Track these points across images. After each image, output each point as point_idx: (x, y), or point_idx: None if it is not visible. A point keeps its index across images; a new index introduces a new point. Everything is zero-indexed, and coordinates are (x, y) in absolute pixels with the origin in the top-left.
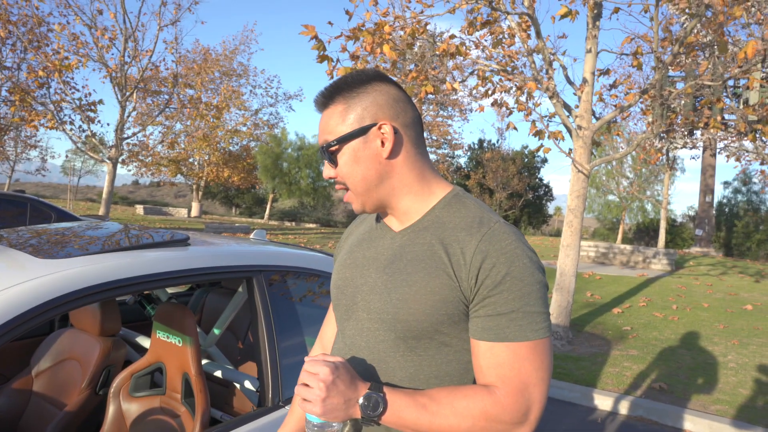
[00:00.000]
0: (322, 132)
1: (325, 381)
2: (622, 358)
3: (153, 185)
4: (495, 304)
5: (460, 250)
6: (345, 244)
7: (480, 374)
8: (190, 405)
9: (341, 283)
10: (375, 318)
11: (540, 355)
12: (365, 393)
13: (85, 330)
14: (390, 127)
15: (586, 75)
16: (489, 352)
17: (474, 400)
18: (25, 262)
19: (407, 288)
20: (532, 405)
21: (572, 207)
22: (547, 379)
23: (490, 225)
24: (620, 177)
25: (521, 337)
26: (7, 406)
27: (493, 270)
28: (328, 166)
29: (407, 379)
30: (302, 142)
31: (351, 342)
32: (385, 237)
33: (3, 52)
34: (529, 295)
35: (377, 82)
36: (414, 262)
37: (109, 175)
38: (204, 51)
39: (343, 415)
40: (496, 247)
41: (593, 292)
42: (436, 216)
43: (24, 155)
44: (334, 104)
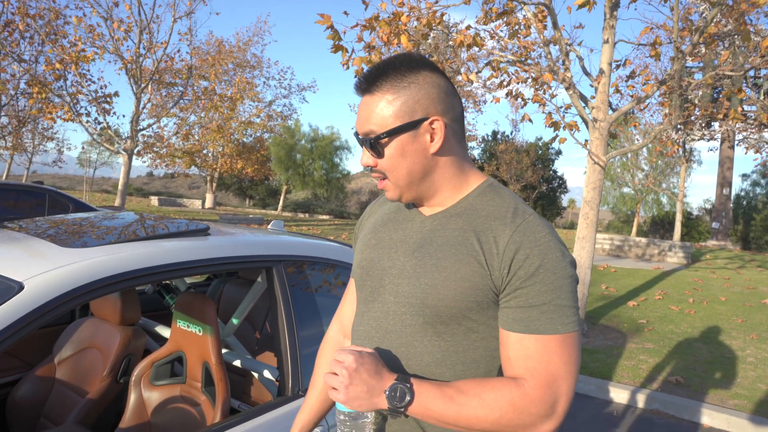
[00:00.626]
0: (366, 120)
1: (348, 369)
2: (638, 351)
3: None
4: (527, 296)
5: (493, 238)
6: (367, 223)
7: (508, 365)
8: (210, 394)
9: (366, 264)
10: (403, 302)
11: (569, 348)
12: (392, 383)
13: (106, 319)
14: (442, 124)
15: (602, 66)
16: (518, 343)
17: (502, 392)
18: (47, 251)
19: (437, 273)
20: (560, 398)
21: (588, 199)
22: (575, 372)
23: (525, 216)
24: (636, 169)
25: (551, 330)
26: (31, 393)
27: (526, 261)
28: (368, 155)
29: (434, 364)
30: (315, 134)
31: (377, 324)
32: (414, 220)
33: (21, 45)
34: (561, 289)
35: (427, 72)
36: (444, 248)
37: (125, 167)
38: (218, 42)
39: (366, 404)
40: (530, 238)
41: (608, 284)
42: (470, 203)
43: (41, 147)
44: (381, 91)
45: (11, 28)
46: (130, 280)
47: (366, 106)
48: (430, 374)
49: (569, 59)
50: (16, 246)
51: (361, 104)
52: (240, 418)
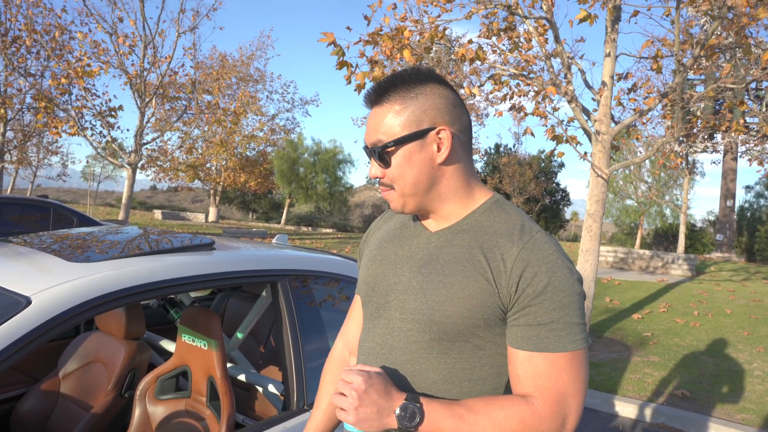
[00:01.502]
0: (374, 130)
1: (357, 390)
2: (643, 364)
3: (170, 190)
4: (535, 314)
5: (501, 256)
6: (372, 239)
7: (517, 383)
8: (215, 408)
9: (371, 280)
10: (409, 318)
11: (577, 366)
12: (401, 403)
13: (110, 333)
14: (449, 133)
15: (604, 79)
16: (527, 361)
17: (512, 410)
18: (52, 265)
19: (444, 290)
20: (569, 415)
21: (591, 212)
22: (583, 390)
23: (532, 234)
24: (638, 181)
25: (560, 348)
26: (36, 407)
27: (534, 279)
28: (376, 166)
29: (440, 381)
30: (318, 147)
31: (382, 341)
32: (420, 236)
33: (28, 60)
34: (569, 306)
35: (435, 84)
36: (451, 264)
37: (129, 180)
38: (221, 57)
39: (377, 425)
40: (537, 256)
41: (612, 297)
42: (476, 220)
43: (46, 161)
44: (390, 102)
45: (18, 44)
46: (136, 295)
47: (375, 117)
48: (436, 391)
49: (571, 72)
50: (21, 261)
51: (370, 116)
52: None
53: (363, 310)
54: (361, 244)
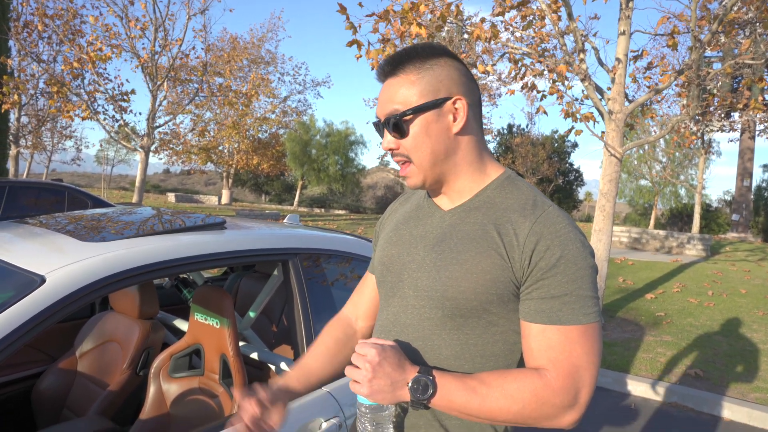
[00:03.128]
0: (388, 101)
1: (371, 362)
2: (656, 343)
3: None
4: (548, 287)
5: (513, 231)
6: (389, 222)
7: (530, 356)
8: (228, 385)
9: (387, 260)
10: (422, 295)
11: (590, 339)
12: (414, 376)
13: (125, 313)
14: (465, 103)
15: (619, 56)
16: (540, 334)
17: (524, 382)
18: (67, 245)
19: (457, 266)
20: (582, 388)
21: (605, 191)
22: (597, 363)
23: (544, 208)
24: (653, 161)
25: (573, 321)
26: (55, 385)
27: (547, 252)
28: (390, 137)
29: (453, 357)
30: (330, 129)
31: (395, 319)
32: (433, 215)
33: (40, 45)
34: (582, 279)
35: (448, 57)
36: (464, 241)
37: (142, 164)
38: (232, 39)
39: (390, 397)
40: (550, 229)
41: (625, 277)
42: (488, 196)
43: (60, 146)
44: (405, 73)
45: (30, 29)
46: (148, 273)
47: (389, 89)
48: (448, 367)
49: (585, 50)
50: (37, 241)
51: (384, 88)
52: None
53: (378, 291)
54: (377, 227)
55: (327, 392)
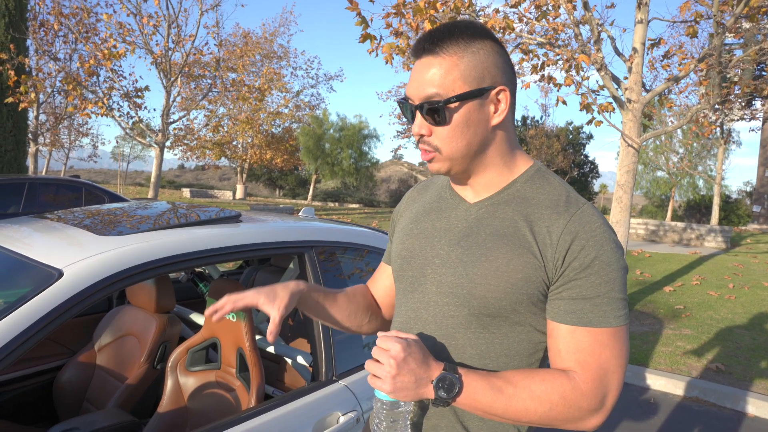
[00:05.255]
0: (428, 82)
1: (396, 358)
2: (675, 337)
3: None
4: (580, 288)
5: (546, 228)
6: (407, 212)
7: (557, 357)
8: (244, 379)
9: (407, 254)
10: (446, 292)
11: (619, 342)
12: (440, 374)
13: (142, 307)
14: (508, 95)
15: (636, 45)
16: (570, 335)
17: (552, 384)
18: (84, 239)
19: (487, 264)
20: (609, 392)
21: (621, 182)
22: (624, 366)
23: (579, 205)
24: (669, 152)
25: (604, 323)
26: (75, 378)
27: (581, 252)
28: (422, 122)
29: (477, 357)
30: (344, 123)
31: (415, 315)
32: (458, 208)
33: (56, 44)
34: (615, 281)
35: (492, 41)
36: (494, 237)
37: (157, 159)
38: (244, 34)
39: (413, 395)
40: (585, 229)
41: (643, 270)
42: (518, 190)
43: (77, 143)
44: (448, 53)
45: (46, 28)
46: (165, 267)
47: (427, 68)
48: (472, 366)
49: (601, 40)
50: (55, 235)
51: (421, 66)
52: (275, 402)
53: (396, 286)
54: (394, 216)
55: (344, 386)
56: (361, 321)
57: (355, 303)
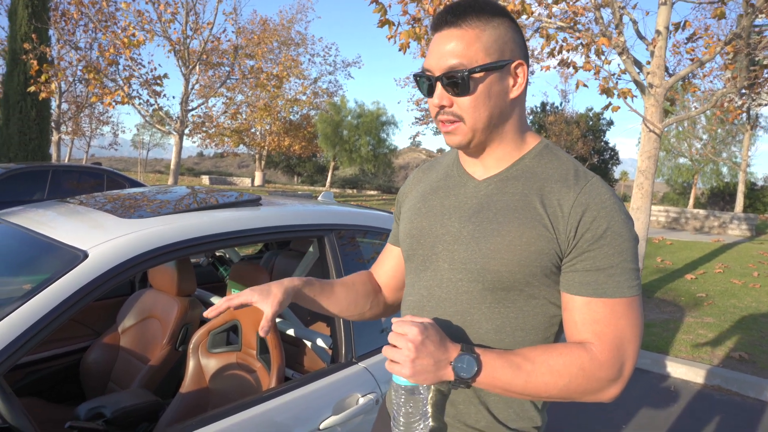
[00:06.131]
0: (450, 54)
1: (414, 341)
2: (697, 325)
3: (217, 156)
4: (594, 259)
5: (557, 201)
6: (413, 192)
7: (573, 329)
8: (265, 361)
9: (416, 233)
10: (459, 268)
11: (634, 311)
12: (458, 354)
13: (164, 290)
14: (525, 69)
15: (659, 28)
16: (585, 307)
17: (570, 357)
18: (107, 222)
19: (499, 238)
20: (626, 362)
21: (643, 168)
22: (640, 336)
23: (588, 178)
24: (692, 138)
25: (618, 294)
26: (100, 359)
27: (593, 223)
28: (443, 93)
29: (493, 331)
30: (362, 110)
31: (428, 293)
32: (466, 185)
33: (77, 33)
34: (627, 251)
35: (509, 19)
36: (505, 212)
37: (176, 147)
38: (262, 21)
39: (432, 377)
40: (596, 200)
41: (664, 257)
42: (527, 166)
43: (98, 131)
44: (471, 26)
45: (67, 18)
46: (186, 249)
47: (449, 40)
48: (488, 341)
49: (622, 23)
50: (78, 218)
51: (442, 38)
52: (296, 383)
53: (406, 266)
54: (399, 197)
55: (364, 368)
56: (362, 309)
57: (354, 292)
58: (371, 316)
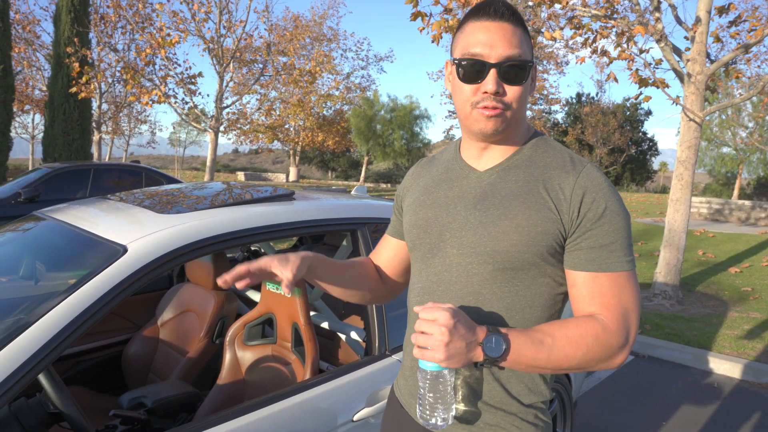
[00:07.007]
0: (511, 44)
1: (447, 325)
2: (742, 320)
3: (252, 153)
4: (596, 237)
5: (558, 186)
6: (415, 186)
7: (581, 303)
8: (299, 353)
9: (423, 223)
10: (468, 252)
11: (633, 282)
12: (486, 335)
13: (200, 284)
14: (535, 70)
15: (699, 13)
16: (592, 281)
17: (585, 328)
18: (145, 218)
19: (507, 221)
20: (631, 328)
21: (682, 159)
22: (640, 303)
23: (583, 164)
24: (737, 127)
25: (620, 267)
26: (140, 351)
27: (594, 204)
28: (497, 80)
29: (504, 309)
30: (395, 104)
31: (438, 278)
32: (468, 177)
33: (115, 35)
34: (624, 228)
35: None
36: (510, 198)
37: (212, 144)
38: (294, 18)
39: (464, 360)
40: (593, 183)
41: (706, 250)
42: (525, 156)
43: (136, 130)
44: (517, 26)
45: (106, 21)
46: (221, 243)
47: (505, 31)
48: (499, 320)
49: (660, 9)
50: (118, 214)
51: (497, 28)
52: (330, 375)
53: (412, 255)
54: (399, 192)
55: (397, 360)
56: (366, 290)
57: (361, 274)
58: (372, 299)
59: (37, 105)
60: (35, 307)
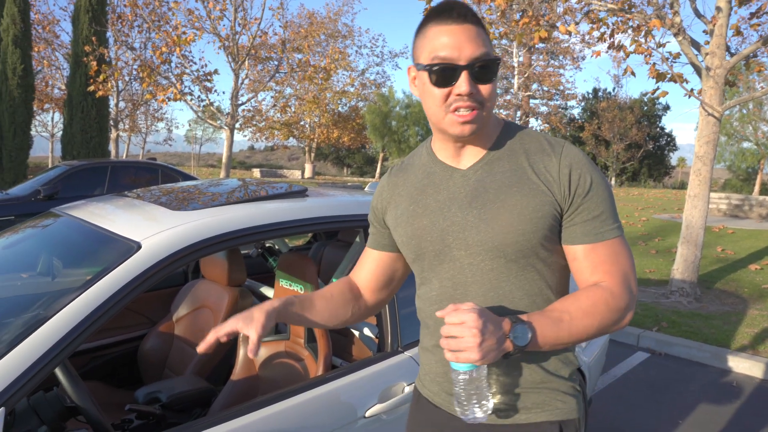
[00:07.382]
0: (477, 45)
1: (476, 326)
2: (762, 318)
3: (267, 149)
4: (588, 210)
5: (544, 167)
6: (395, 198)
7: (585, 274)
8: (312, 349)
9: (420, 233)
10: (477, 251)
11: (626, 246)
12: (511, 326)
13: (215, 281)
14: None
15: (720, 4)
16: (592, 252)
17: (595, 297)
18: (160, 215)
19: (507, 213)
20: (633, 289)
21: (700, 154)
22: (634, 265)
23: (561, 143)
24: (758, 121)
25: (613, 234)
26: (156, 346)
27: (581, 179)
28: (470, 81)
29: (526, 296)
30: (410, 100)
31: (452, 283)
32: (453, 177)
33: (132, 34)
34: (609, 198)
35: None
36: (503, 190)
37: (227, 141)
38: (309, 15)
39: (497, 354)
40: (576, 160)
41: (725, 246)
42: (504, 146)
43: (153, 127)
44: (478, 26)
45: (123, 20)
46: (235, 239)
47: (467, 32)
48: (523, 307)
49: (678, 2)
50: (133, 211)
51: (460, 30)
52: (343, 371)
53: (414, 267)
54: (377, 204)
55: (410, 357)
56: (343, 317)
57: (333, 303)
58: (354, 321)
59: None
60: (52, 302)
